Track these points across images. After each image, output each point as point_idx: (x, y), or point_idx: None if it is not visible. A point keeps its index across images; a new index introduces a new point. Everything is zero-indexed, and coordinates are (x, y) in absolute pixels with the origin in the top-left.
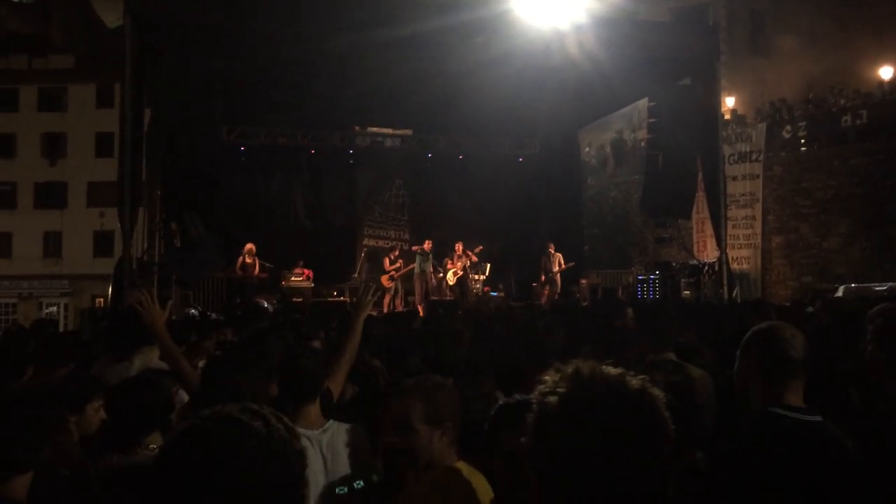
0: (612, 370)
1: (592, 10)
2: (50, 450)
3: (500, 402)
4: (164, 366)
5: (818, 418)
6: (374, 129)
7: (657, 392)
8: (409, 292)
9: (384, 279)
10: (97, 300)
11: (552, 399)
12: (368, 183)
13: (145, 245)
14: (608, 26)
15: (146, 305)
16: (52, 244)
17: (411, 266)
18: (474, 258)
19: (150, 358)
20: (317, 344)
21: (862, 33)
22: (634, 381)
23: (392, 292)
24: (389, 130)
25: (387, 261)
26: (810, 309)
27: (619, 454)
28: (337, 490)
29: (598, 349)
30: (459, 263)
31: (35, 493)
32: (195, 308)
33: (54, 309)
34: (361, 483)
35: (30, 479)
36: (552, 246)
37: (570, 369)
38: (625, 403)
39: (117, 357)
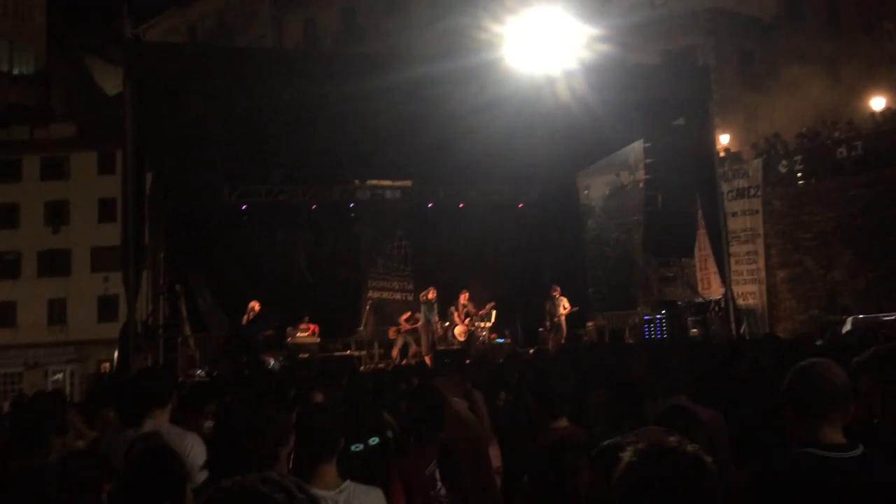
0: (671, 439)
1: (582, 57)
2: None
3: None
4: (175, 430)
5: (857, 452)
6: (374, 182)
7: (707, 457)
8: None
9: (391, 331)
10: (103, 365)
11: (623, 466)
12: (370, 235)
13: (150, 308)
14: (599, 72)
15: None
16: (57, 311)
17: (418, 322)
18: (482, 312)
19: (161, 422)
20: (318, 398)
21: (851, 66)
22: (689, 448)
23: (401, 345)
24: (389, 182)
25: (405, 315)
26: (819, 342)
27: None
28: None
29: (611, 396)
30: (468, 320)
31: None
32: (201, 369)
33: (60, 376)
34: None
35: None
36: (557, 289)
37: (641, 444)
38: (682, 468)
39: (126, 423)
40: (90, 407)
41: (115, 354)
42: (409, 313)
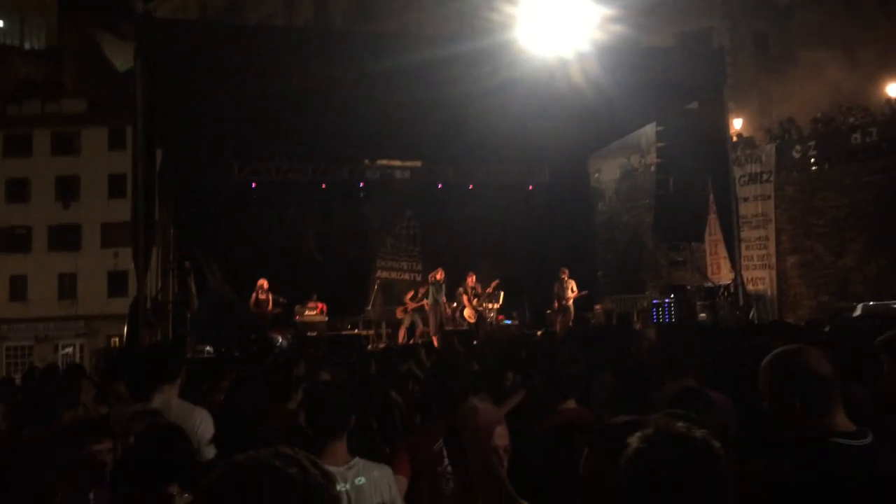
0: (679, 424)
1: (595, 38)
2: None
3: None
4: (183, 405)
5: (869, 439)
6: (384, 162)
7: (716, 443)
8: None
9: (398, 311)
10: (112, 340)
11: (630, 452)
12: (379, 215)
13: (159, 284)
14: (612, 54)
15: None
16: (67, 286)
17: (423, 300)
18: (489, 290)
19: (170, 397)
20: (325, 376)
21: (867, 52)
22: (698, 433)
23: (408, 325)
24: (399, 162)
25: (410, 294)
26: (827, 328)
27: (689, 493)
28: None
29: (619, 379)
30: (476, 300)
31: None
32: (209, 346)
33: (69, 350)
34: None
35: None
36: (566, 272)
37: (649, 429)
38: (691, 454)
39: (136, 397)
40: (102, 381)
41: (125, 329)
42: (412, 292)
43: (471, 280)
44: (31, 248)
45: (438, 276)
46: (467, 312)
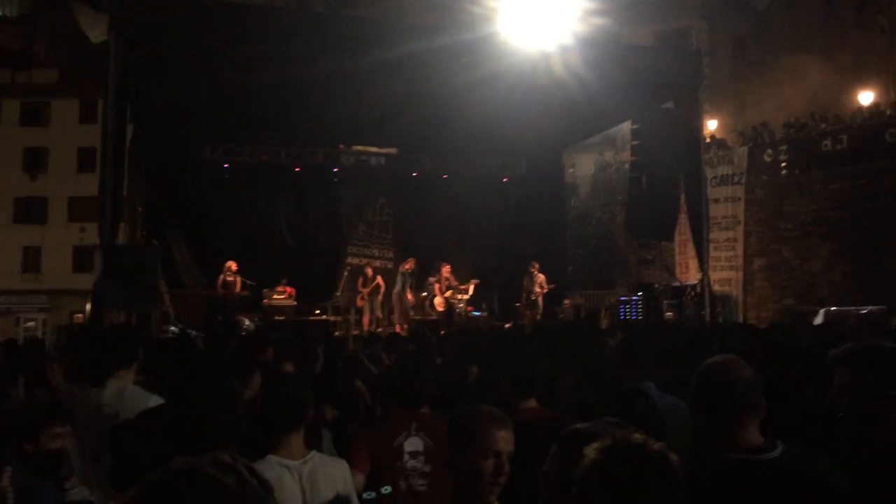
0: (637, 436)
1: (578, 31)
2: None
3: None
4: (138, 392)
5: (777, 453)
6: (359, 148)
7: (673, 456)
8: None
9: (357, 299)
10: (75, 316)
11: (587, 463)
12: (353, 201)
13: None
14: (593, 48)
15: None
16: (32, 259)
17: (376, 284)
18: (463, 287)
19: (125, 382)
20: (288, 367)
21: (843, 59)
22: (655, 446)
23: (369, 312)
24: (375, 149)
25: (360, 281)
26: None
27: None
28: None
29: (580, 379)
30: (449, 292)
31: None
32: (175, 326)
33: (32, 324)
34: None
35: None
36: (535, 266)
37: (606, 440)
38: (647, 467)
39: (91, 381)
40: (70, 360)
41: (88, 307)
42: (362, 278)
43: (446, 270)
44: None
45: (408, 267)
46: (437, 301)
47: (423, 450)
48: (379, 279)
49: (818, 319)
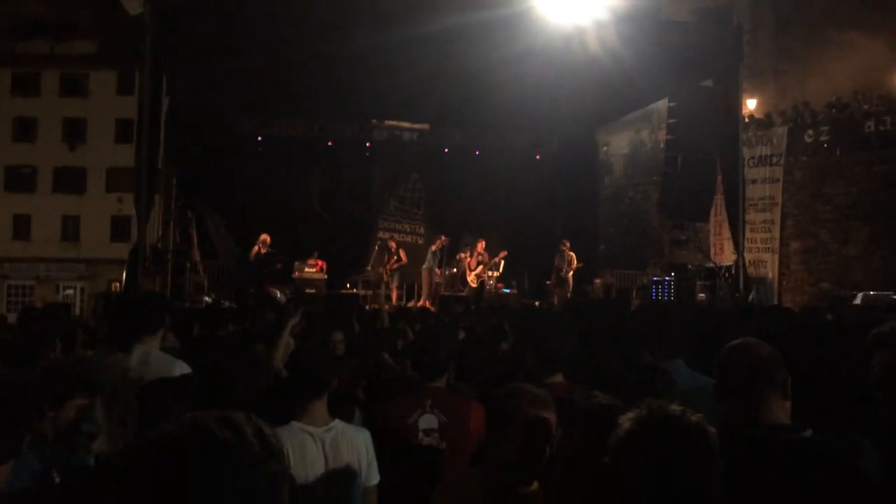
0: (673, 407)
1: (614, 7)
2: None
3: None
4: (164, 356)
5: (806, 434)
6: (392, 123)
7: (711, 429)
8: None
9: (383, 273)
10: (113, 285)
11: (621, 433)
12: (385, 176)
13: (160, 232)
14: (630, 24)
15: None
16: (70, 228)
17: (398, 257)
18: (495, 259)
19: (150, 348)
20: (339, 337)
21: (888, 39)
22: (693, 418)
23: (395, 286)
24: (407, 124)
25: (385, 255)
26: (830, 316)
27: (681, 476)
28: None
29: (610, 355)
30: (480, 268)
31: (15, 483)
32: (209, 296)
33: (70, 292)
34: None
35: (10, 469)
36: (566, 244)
37: (643, 410)
38: (684, 438)
39: (118, 346)
40: (94, 325)
41: (124, 275)
42: (386, 253)
43: (480, 246)
44: (35, 188)
45: (437, 245)
46: (470, 277)
47: (438, 427)
48: (402, 252)
49: (856, 304)
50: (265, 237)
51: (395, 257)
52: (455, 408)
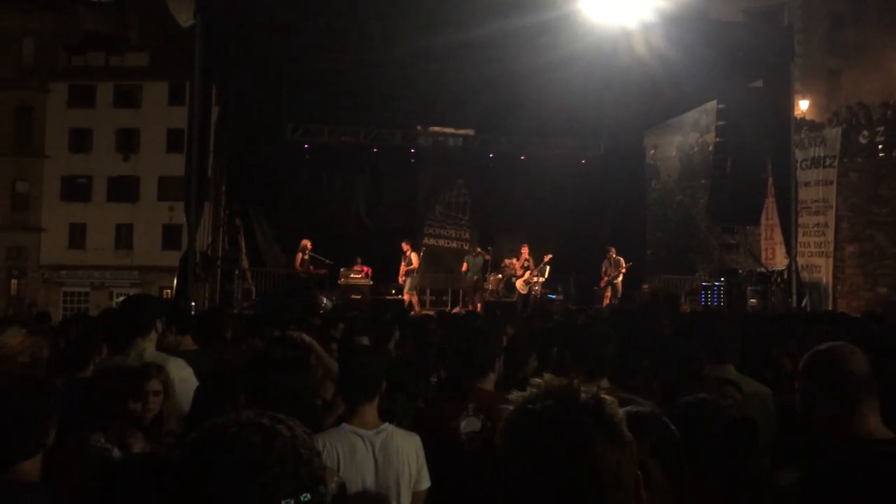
0: (562, 384)
1: (661, 8)
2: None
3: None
4: (159, 356)
5: None
6: (437, 129)
7: (610, 410)
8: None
9: (399, 278)
10: (164, 291)
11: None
12: (430, 182)
13: (210, 239)
14: (678, 25)
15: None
16: (124, 236)
17: (410, 266)
18: (540, 265)
19: (143, 349)
20: (364, 341)
21: None
22: (584, 396)
23: (412, 291)
24: (451, 130)
25: (403, 260)
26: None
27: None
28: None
29: (662, 363)
30: (527, 273)
31: (49, 474)
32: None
33: (123, 298)
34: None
35: (40, 461)
36: (613, 250)
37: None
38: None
39: (114, 349)
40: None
41: (174, 282)
42: (403, 258)
43: (525, 251)
44: (90, 197)
45: (486, 255)
46: (518, 283)
47: (481, 430)
48: (414, 256)
49: None
50: (306, 242)
51: (408, 262)
52: (499, 410)
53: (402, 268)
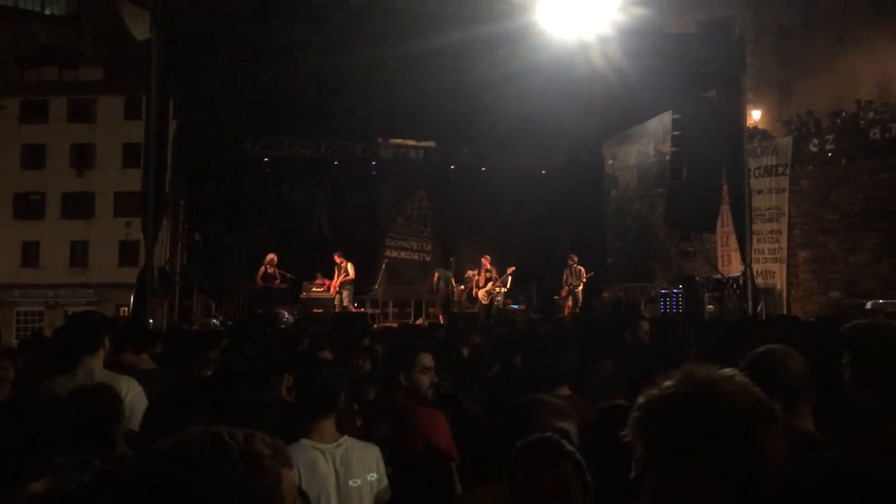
0: (719, 371)
1: (618, 21)
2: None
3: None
4: (108, 375)
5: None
6: (398, 141)
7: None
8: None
9: (332, 289)
10: (122, 309)
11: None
12: (391, 194)
13: (168, 255)
14: (634, 38)
15: None
16: (79, 253)
17: (346, 277)
18: (502, 277)
19: (92, 367)
20: (326, 355)
21: (891, 48)
22: (738, 378)
23: (342, 301)
24: (412, 142)
25: (335, 271)
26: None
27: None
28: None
29: (619, 366)
30: (489, 284)
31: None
32: (216, 318)
33: None
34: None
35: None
36: (575, 258)
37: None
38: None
39: (59, 369)
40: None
41: (132, 299)
42: (336, 269)
43: (486, 262)
44: (44, 214)
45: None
46: (481, 294)
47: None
48: (350, 267)
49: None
50: (272, 256)
51: (344, 273)
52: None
53: (337, 279)
